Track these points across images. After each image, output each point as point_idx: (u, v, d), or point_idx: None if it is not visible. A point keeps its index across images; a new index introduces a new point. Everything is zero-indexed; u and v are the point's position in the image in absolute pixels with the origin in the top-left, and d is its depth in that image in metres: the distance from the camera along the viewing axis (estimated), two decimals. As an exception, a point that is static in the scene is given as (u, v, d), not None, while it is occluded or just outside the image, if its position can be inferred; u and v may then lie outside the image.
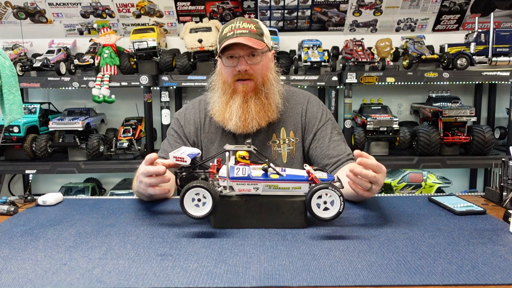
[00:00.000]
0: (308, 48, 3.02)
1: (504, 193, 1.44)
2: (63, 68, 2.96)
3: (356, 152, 1.21)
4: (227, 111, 1.56)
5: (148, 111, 2.98)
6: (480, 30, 2.98)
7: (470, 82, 3.00)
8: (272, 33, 3.02)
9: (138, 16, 3.19)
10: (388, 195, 1.63)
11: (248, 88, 1.55)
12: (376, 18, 3.23)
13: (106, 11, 3.16)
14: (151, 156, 1.26)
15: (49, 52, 3.08)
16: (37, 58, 3.02)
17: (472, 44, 2.92)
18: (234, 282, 0.87)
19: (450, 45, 3.03)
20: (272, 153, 1.63)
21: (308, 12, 3.17)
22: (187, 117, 1.71)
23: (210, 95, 1.65)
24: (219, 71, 1.62)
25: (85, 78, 2.89)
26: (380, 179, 1.21)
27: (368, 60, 2.90)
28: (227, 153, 1.19)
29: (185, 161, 1.22)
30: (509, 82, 2.88)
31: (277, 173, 1.17)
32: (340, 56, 3.14)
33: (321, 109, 1.68)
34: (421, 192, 2.85)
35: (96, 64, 2.97)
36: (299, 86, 2.81)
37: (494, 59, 2.90)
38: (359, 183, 1.21)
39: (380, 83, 2.85)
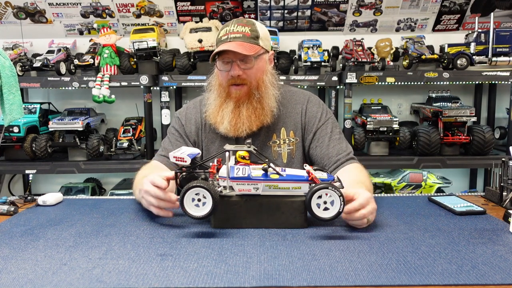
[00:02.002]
0: (308, 48, 3.02)
1: (504, 193, 1.44)
2: (63, 68, 2.96)
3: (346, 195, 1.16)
4: (219, 115, 1.56)
5: (148, 111, 2.98)
6: (480, 30, 2.98)
7: (470, 82, 3.00)
8: (272, 33, 3.02)
9: (138, 16, 3.19)
10: (388, 195, 1.63)
11: (241, 94, 1.54)
12: (376, 18, 3.22)
13: (106, 11, 3.16)
14: (161, 184, 1.21)
15: (49, 52, 3.08)
16: (37, 58, 3.01)
17: (472, 44, 2.92)
18: (234, 282, 0.87)
19: (450, 45, 3.02)
20: (272, 153, 1.63)
21: (308, 12, 3.17)
22: (188, 116, 1.70)
23: (207, 96, 1.66)
24: (215, 73, 1.62)
25: (85, 78, 2.89)
26: (368, 211, 1.16)
27: (368, 60, 2.90)
28: (227, 153, 1.19)
29: (185, 161, 1.22)
30: (509, 82, 2.88)
31: (277, 173, 1.17)
32: (340, 56, 3.14)
33: (321, 108, 1.68)
34: (421, 192, 2.85)
35: (96, 64, 2.97)
36: (299, 86, 2.81)
37: (494, 59, 2.90)
38: (355, 225, 1.19)
39: (380, 83, 2.85)
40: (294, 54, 3.15)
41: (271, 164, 1.17)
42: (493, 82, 3.06)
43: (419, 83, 2.89)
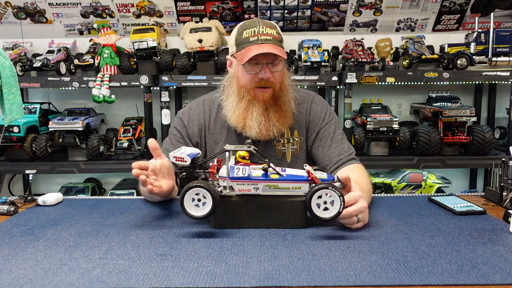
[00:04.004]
0: (308, 48, 3.02)
1: (504, 193, 1.44)
2: (63, 68, 2.95)
3: (342, 178, 1.20)
4: (248, 119, 1.54)
5: (148, 111, 2.98)
6: (480, 30, 2.98)
7: (470, 82, 3.00)
8: (272, 33, 3.02)
9: (138, 16, 3.19)
10: (388, 195, 1.63)
11: (267, 97, 1.53)
12: (376, 18, 3.22)
13: (106, 11, 3.16)
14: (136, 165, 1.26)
15: (49, 52, 3.08)
16: (37, 58, 3.01)
17: (472, 44, 2.92)
18: (234, 282, 0.87)
19: (450, 45, 3.02)
20: (276, 152, 1.63)
21: (308, 12, 3.17)
22: (191, 117, 1.68)
23: (224, 98, 1.62)
24: (234, 74, 1.58)
25: (85, 78, 2.89)
26: (354, 209, 1.15)
27: (368, 60, 2.90)
28: (227, 153, 1.19)
29: (185, 161, 1.22)
30: (509, 82, 2.88)
31: (277, 173, 1.17)
32: (340, 56, 3.14)
33: (324, 108, 1.68)
34: (421, 192, 2.85)
35: (96, 64, 2.97)
36: (299, 86, 2.81)
37: (494, 59, 2.90)
38: (345, 223, 1.18)
39: (380, 83, 2.85)
40: (294, 54, 3.15)
41: (271, 164, 1.17)
42: (493, 82, 3.06)
43: (419, 83, 2.89)
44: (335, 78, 2.88)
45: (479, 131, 2.84)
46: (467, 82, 2.97)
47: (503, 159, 1.46)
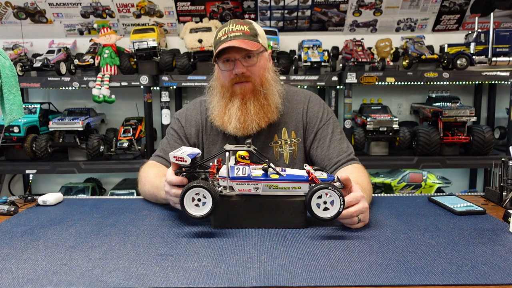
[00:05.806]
0: (308, 48, 3.02)
1: (504, 193, 1.44)
2: (63, 68, 2.96)
3: (342, 178, 1.20)
4: (226, 115, 1.55)
5: (148, 111, 2.98)
6: (480, 30, 2.98)
7: (470, 82, 3.00)
8: (272, 33, 3.02)
9: (138, 16, 3.19)
10: (388, 195, 1.63)
11: (246, 90, 1.53)
12: (376, 18, 3.23)
13: (106, 11, 3.16)
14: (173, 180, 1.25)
15: (49, 52, 3.08)
16: (37, 58, 3.01)
17: (472, 44, 2.92)
18: (234, 282, 0.87)
19: (450, 45, 3.03)
20: (274, 154, 1.62)
21: (308, 12, 3.17)
22: (188, 117, 1.68)
23: (209, 100, 1.64)
24: (216, 75, 1.61)
25: (85, 78, 2.89)
26: (356, 209, 1.16)
27: (368, 60, 2.90)
28: (227, 153, 1.19)
29: (185, 161, 1.22)
30: (509, 82, 2.88)
31: (277, 173, 1.17)
32: (340, 56, 3.14)
33: (322, 108, 1.66)
34: (421, 192, 2.85)
35: (96, 64, 2.97)
36: (299, 86, 2.81)
37: (494, 59, 2.90)
38: (345, 223, 1.19)
39: (380, 83, 2.85)
40: (294, 54, 3.15)
41: (271, 164, 1.17)
42: (493, 82, 3.06)
43: (419, 83, 2.89)
44: (335, 78, 2.88)
45: (479, 131, 2.84)
46: (467, 82, 2.97)
47: (503, 159, 1.46)
